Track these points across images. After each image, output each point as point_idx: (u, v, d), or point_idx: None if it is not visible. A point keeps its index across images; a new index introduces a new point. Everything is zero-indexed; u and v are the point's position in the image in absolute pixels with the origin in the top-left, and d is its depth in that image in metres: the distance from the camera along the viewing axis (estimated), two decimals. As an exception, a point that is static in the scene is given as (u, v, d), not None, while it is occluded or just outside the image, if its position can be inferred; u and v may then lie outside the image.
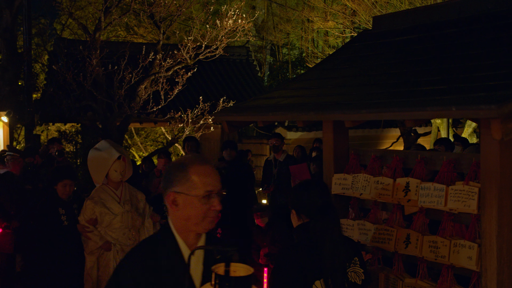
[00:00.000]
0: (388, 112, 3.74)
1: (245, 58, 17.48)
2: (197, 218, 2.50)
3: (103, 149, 6.19)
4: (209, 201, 2.49)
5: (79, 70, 11.43)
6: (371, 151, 4.76)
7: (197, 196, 2.48)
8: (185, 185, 2.49)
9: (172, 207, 2.54)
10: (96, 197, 6.17)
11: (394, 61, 4.75)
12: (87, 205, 6.14)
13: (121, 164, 6.14)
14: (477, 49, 4.24)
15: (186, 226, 2.54)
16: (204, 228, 2.54)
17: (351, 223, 4.77)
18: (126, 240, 6.14)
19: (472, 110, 3.26)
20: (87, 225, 6.11)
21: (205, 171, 2.51)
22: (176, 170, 2.53)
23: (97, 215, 6.11)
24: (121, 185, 6.27)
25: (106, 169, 6.12)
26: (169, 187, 2.53)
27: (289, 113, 4.41)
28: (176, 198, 2.52)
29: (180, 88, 11.81)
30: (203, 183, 2.49)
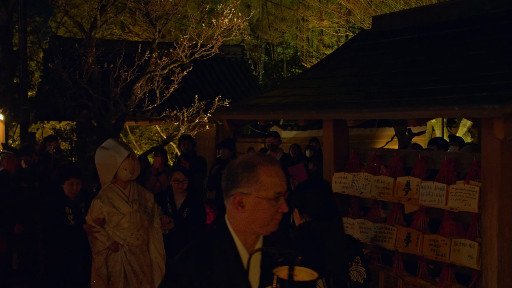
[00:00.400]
0: (391, 112, 3.76)
1: (240, 57, 17.48)
2: (264, 220, 2.39)
3: (111, 148, 6.08)
4: (277, 203, 2.38)
5: (75, 68, 11.41)
6: (372, 150, 4.79)
7: (266, 198, 2.37)
8: (254, 186, 2.37)
9: (238, 208, 2.40)
10: (104, 196, 6.04)
11: (394, 61, 4.77)
12: (95, 205, 6.01)
13: (130, 162, 6.03)
14: (477, 50, 4.26)
15: (250, 228, 2.42)
16: (269, 230, 2.42)
17: (351, 221, 4.79)
18: (134, 240, 6.01)
19: (475, 110, 3.28)
20: (94, 225, 5.99)
21: (274, 171, 2.40)
22: (244, 170, 2.40)
23: (105, 214, 5.99)
24: (129, 184, 6.15)
25: (115, 168, 6.00)
26: (234, 187, 2.40)
27: (290, 111, 4.43)
28: (242, 200, 2.39)
29: (175, 87, 11.79)
30: (273, 184, 2.38)
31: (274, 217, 2.40)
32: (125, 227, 5.97)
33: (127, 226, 5.97)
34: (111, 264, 6.00)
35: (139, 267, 6.05)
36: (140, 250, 6.10)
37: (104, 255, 5.99)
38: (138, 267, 6.05)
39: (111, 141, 6.25)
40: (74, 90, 11.65)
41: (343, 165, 4.90)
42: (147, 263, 6.18)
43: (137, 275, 6.03)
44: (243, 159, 2.45)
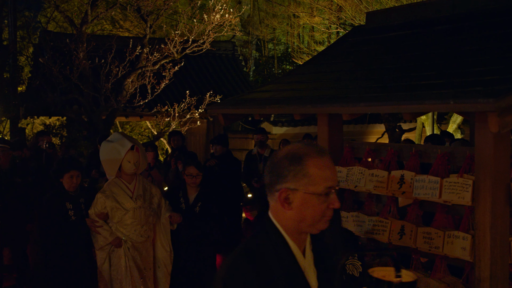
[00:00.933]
0: (386, 106, 3.81)
1: (231, 53, 17.50)
2: (313, 218, 2.16)
3: (115, 140, 5.93)
4: (328, 198, 2.15)
5: (65, 63, 11.39)
6: (366, 144, 4.83)
7: (316, 193, 2.13)
8: (302, 181, 2.12)
9: (284, 205, 2.17)
10: (108, 190, 5.91)
11: (389, 56, 4.82)
12: (98, 199, 5.88)
13: (134, 154, 5.88)
14: (471, 45, 4.31)
15: (298, 227, 2.19)
16: (318, 228, 2.20)
17: (345, 215, 4.84)
18: (137, 237, 5.89)
19: (470, 104, 3.33)
20: (97, 219, 5.87)
21: (324, 164, 2.15)
22: (290, 163, 2.15)
23: (108, 210, 5.87)
24: (135, 179, 6.02)
25: (119, 161, 5.87)
26: (280, 182, 2.16)
27: (286, 106, 4.47)
28: (289, 196, 2.15)
29: (166, 82, 11.81)
30: (323, 178, 2.13)
31: (325, 214, 2.18)
32: (128, 223, 5.85)
33: (130, 222, 5.85)
34: (114, 260, 5.89)
35: (142, 264, 5.94)
36: (144, 247, 5.99)
37: (107, 250, 5.88)
38: (141, 264, 5.93)
39: (116, 134, 6.15)
40: (64, 85, 11.62)
41: (337, 159, 4.95)
42: (151, 260, 6.07)
43: (140, 271, 5.92)
44: (289, 150, 2.20)
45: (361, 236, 4.75)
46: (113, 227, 5.88)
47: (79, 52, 11.41)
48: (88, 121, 12.07)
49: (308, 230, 2.21)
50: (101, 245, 5.87)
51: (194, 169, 6.49)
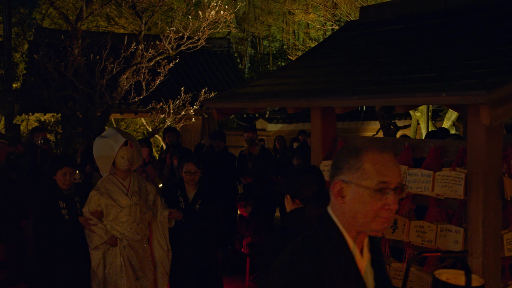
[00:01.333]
0: (379, 99, 3.81)
1: (226, 49, 17.51)
2: (365, 216, 2.06)
3: (109, 136, 5.80)
4: (383, 196, 2.03)
5: (60, 60, 11.39)
6: (360, 138, 4.84)
7: (368, 188, 2.04)
8: (356, 174, 2.05)
9: (338, 198, 2.11)
10: (102, 187, 5.77)
11: (382, 51, 4.82)
12: (92, 196, 5.75)
13: (128, 150, 5.74)
14: (464, 39, 4.32)
15: (353, 224, 2.10)
16: (374, 229, 2.08)
17: (338, 209, 4.84)
18: (133, 235, 5.75)
19: (462, 96, 3.33)
20: (91, 217, 5.74)
21: (382, 159, 2.06)
22: (348, 155, 2.11)
23: (103, 207, 5.72)
24: (129, 175, 5.87)
25: (112, 157, 5.72)
26: (337, 174, 2.12)
27: (279, 100, 4.46)
28: (343, 189, 2.09)
29: (161, 79, 11.83)
30: (378, 172, 2.04)
31: (379, 214, 2.05)
32: (124, 220, 5.72)
33: (126, 219, 5.72)
34: (109, 260, 5.76)
35: (138, 263, 5.82)
36: (140, 245, 5.86)
37: (102, 250, 5.75)
38: (137, 263, 5.81)
39: (110, 129, 5.99)
40: (59, 82, 11.63)
41: (331, 154, 4.94)
42: (147, 259, 5.95)
43: (135, 271, 5.79)
44: (350, 143, 2.18)
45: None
46: (108, 225, 5.75)
47: (74, 48, 11.42)
48: (83, 118, 12.07)
49: (363, 229, 2.10)
50: (96, 244, 5.73)
51: (192, 166, 6.32)
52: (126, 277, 5.70)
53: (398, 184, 2.06)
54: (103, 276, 5.75)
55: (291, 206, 3.68)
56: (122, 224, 5.72)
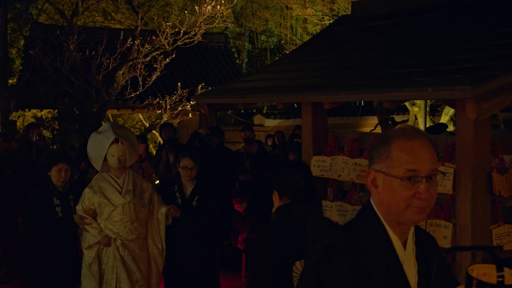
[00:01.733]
0: (367, 94, 3.81)
1: (224, 45, 17.47)
2: (397, 206, 1.98)
3: (102, 132, 5.62)
4: (413, 185, 1.95)
5: (56, 55, 11.37)
6: (349, 134, 4.83)
7: (396, 176, 1.97)
8: (385, 162, 2.00)
9: (372, 188, 2.06)
10: (96, 185, 5.59)
11: (372, 45, 4.82)
12: (86, 194, 5.56)
13: (118, 148, 5.50)
14: (453, 34, 4.32)
15: (389, 214, 2.03)
16: (408, 219, 1.99)
17: (329, 204, 4.84)
18: (127, 234, 5.55)
19: (448, 91, 3.33)
20: (85, 216, 5.57)
21: (410, 146, 1.98)
22: (378, 144, 2.06)
23: (96, 206, 5.54)
24: (124, 173, 5.68)
25: (103, 154, 5.54)
26: (370, 163, 2.08)
27: (269, 95, 4.46)
28: (375, 178, 2.04)
29: (158, 74, 11.80)
30: (404, 160, 1.96)
31: (411, 203, 1.97)
32: (118, 219, 5.54)
33: (119, 218, 5.54)
34: (104, 260, 5.61)
35: (134, 264, 5.65)
36: (136, 245, 5.69)
37: (96, 249, 5.59)
38: (133, 264, 5.64)
39: (105, 125, 5.79)
40: (55, 78, 11.61)
41: (321, 149, 4.94)
42: (144, 258, 5.77)
43: (130, 272, 5.63)
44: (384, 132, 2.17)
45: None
46: (101, 224, 5.59)
47: (70, 44, 11.39)
48: (80, 114, 12.06)
49: (398, 219, 2.02)
50: (90, 243, 5.58)
51: (189, 161, 6.06)
52: (121, 278, 5.57)
53: (430, 171, 1.96)
54: (98, 275, 5.60)
55: (279, 203, 3.67)
56: (115, 223, 5.55)
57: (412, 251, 2.08)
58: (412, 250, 2.08)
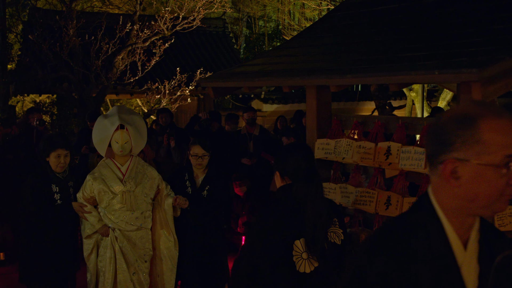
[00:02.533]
0: (373, 77, 3.86)
1: (222, 30, 17.47)
2: (489, 198, 1.70)
3: (108, 116, 5.38)
4: (508, 171, 1.67)
5: (55, 41, 11.37)
6: (353, 117, 4.90)
7: (492, 164, 1.67)
8: (474, 149, 1.67)
9: (450, 181, 1.72)
10: (97, 172, 5.36)
11: (376, 30, 4.86)
12: (87, 181, 5.34)
13: (122, 134, 5.25)
14: (458, 18, 4.36)
15: (467, 208, 1.75)
16: (495, 210, 1.74)
17: (333, 186, 4.91)
18: (126, 224, 5.29)
19: (454, 74, 3.39)
20: (85, 204, 5.35)
21: (505, 127, 1.68)
22: (458, 127, 1.71)
23: (95, 193, 5.29)
24: (129, 160, 5.41)
25: (107, 140, 5.29)
26: (444, 151, 1.71)
27: (274, 78, 4.51)
28: (457, 168, 1.70)
29: (157, 59, 11.81)
30: (502, 144, 1.67)
31: (504, 192, 1.70)
32: (117, 208, 5.28)
33: (118, 207, 5.28)
34: (101, 250, 5.38)
35: (134, 256, 5.36)
36: (137, 236, 5.39)
37: (94, 239, 5.38)
38: (132, 256, 5.35)
39: (113, 108, 5.53)
40: (54, 63, 11.61)
41: (325, 132, 5.01)
42: (147, 251, 5.46)
43: (129, 265, 5.35)
44: (457, 111, 1.75)
45: (348, 207, 4.84)
46: (101, 213, 5.36)
47: (69, 29, 11.39)
48: (79, 99, 12.08)
49: (481, 212, 1.76)
50: (88, 233, 5.37)
51: (199, 148, 5.68)
52: (119, 270, 5.33)
53: None
54: (95, 266, 5.43)
55: (280, 183, 3.77)
56: (114, 212, 5.30)
57: (475, 251, 1.79)
58: (474, 251, 1.79)
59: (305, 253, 3.55)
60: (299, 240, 3.54)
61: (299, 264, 3.57)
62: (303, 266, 3.59)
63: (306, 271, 3.60)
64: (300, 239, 3.54)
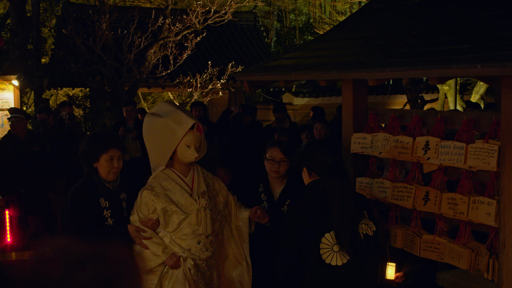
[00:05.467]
0: (412, 70, 3.81)
1: (253, 23, 17.47)
2: None
3: (165, 115, 4.23)
4: None
5: (88, 35, 11.50)
6: (390, 111, 4.83)
7: None
8: None
9: None
10: (158, 186, 4.23)
11: (414, 22, 4.78)
12: (144, 198, 4.21)
13: (195, 136, 4.21)
14: (498, 10, 4.27)
15: None
16: None
17: (369, 181, 4.86)
18: (201, 252, 4.23)
19: (498, 68, 3.32)
20: (143, 228, 4.21)
21: None
22: None
23: (160, 214, 4.19)
24: (191, 169, 4.36)
25: (174, 145, 4.19)
26: None
27: (311, 72, 4.48)
28: None
29: (189, 53, 11.88)
30: None
31: None
32: (189, 232, 4.20)
33: (191, 230, 4.20)
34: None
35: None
36: (208, 266, 4.34)
37: (158, 274, 4.22)
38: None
39: (165, 105, 4.38)
40: (87, 57, 11.76)
41: (362, 126, 4.95)
42: (214, 283, 4.39)
43: None
44: None
45: (385, 202, 4.78)
46: (166, 239, 4.24)
47: (102, 23, 11.50)
48: (111, 92, 12.22)
49: None
50: (151, 266, 4.20)
51: (277, 152, 4.72)
52: None
53: None
54: None
55: (308, 179, 3.82)
56: (186, 236, 4.20)
57: None
58: None
59: (336, 246, 3.60)
60: (329, 233, 3.58)
61: (330, 257, 3.60)
62: (334, 259, 3.63)
63: (338, 264, 3.63)
64: (330, 232, 3.57)
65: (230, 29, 16.46)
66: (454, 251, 4.20)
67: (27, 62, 13.11)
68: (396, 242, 4.65)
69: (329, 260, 3.64)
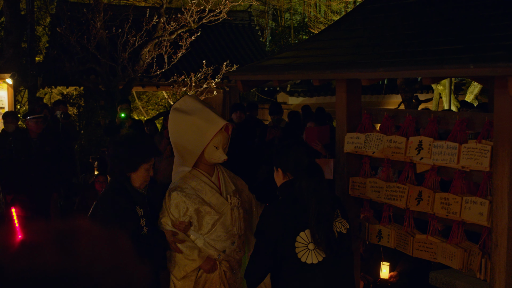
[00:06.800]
0: (405, 70, 3.81)
1: (248, 23, 17.46)
2: None
3: (193, 112, 4.02)
4: None
5: (83, 33, 11.49)
6: (384, 110, 4.84)
7: None
8: None
9: None
10: (187, 187, 4.04)
11: (408, 23, 4.79)
12: (174, 199, 4.01)
13: (224, 137, 4.08)
14: (491, 10, 4.28)
15: None
16: None
17: (363, 181, 4.87)
18: (235, 252, 4.10)
19: (490, 68, 3.33)
20: (177, 231, 4.01)
21: None
22: None
23: (193, 215, 4.00)
24: (215, 169, 4.21)
25: (203, 145, 4.01)
26: None
27: (305, 71, 4.48)
28: None
29: (183, 52, 11.88)
30: None
31: None
32: (222, 233, 4.05)
33: (224, 231, 4.05)
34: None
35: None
36: (237, 265, 4.26)
37: (193, 279, 4.03)
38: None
39: (190, 101, 4.17)
40: (82, 55, 11.75)
41: (355, 126, 4.96)
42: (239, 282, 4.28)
43: None
44: None
45: (378, 202, 4.79)
46: (199, 242, 4.05)
47: (96, 21, 11.48)
48: (105, 91, 12.19)
49: None
50: (186, 271, 4.01)
51: None
52: None
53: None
54: None
55: (281, 180, 3.83)
56: (220, 237, 4.05)
57: None
58: None
59: (312, 244, 3.62)
60: (304, 232, 3.60)
61: (306, 255, 3.62)
62: (310, 257, 3.65)
63: (314, 262, 3.66)
64: (305, 231, 3.64)
65: (225, 28, 16.45)
66: (447, 251, 4.21)
67: (21, 60, 13.07)
68: (389, 241, 4.65)
69: (304, 259, 3.67)
